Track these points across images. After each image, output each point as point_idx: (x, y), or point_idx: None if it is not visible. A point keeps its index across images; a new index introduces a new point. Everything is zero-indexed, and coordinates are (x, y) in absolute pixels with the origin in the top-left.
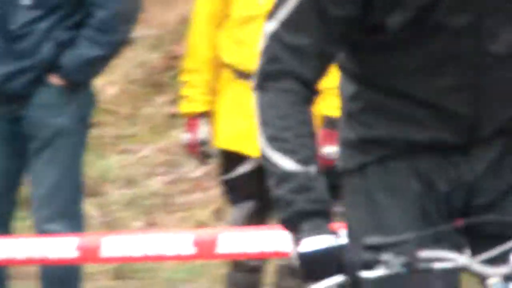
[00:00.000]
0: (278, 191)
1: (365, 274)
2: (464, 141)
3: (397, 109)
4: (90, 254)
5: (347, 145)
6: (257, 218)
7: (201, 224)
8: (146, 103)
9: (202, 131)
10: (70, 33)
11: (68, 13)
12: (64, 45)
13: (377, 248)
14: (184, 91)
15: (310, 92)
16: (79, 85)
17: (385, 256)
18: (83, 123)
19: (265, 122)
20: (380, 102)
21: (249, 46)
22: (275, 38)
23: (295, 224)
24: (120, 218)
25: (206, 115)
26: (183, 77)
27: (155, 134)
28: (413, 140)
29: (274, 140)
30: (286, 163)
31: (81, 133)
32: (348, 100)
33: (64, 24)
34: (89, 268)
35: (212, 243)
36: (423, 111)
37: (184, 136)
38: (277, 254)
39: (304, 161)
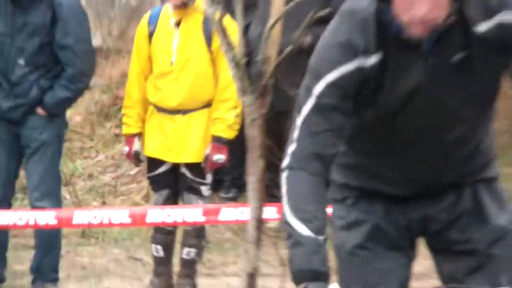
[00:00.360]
0: (294, 251)
1: None
2: (421, 194)
3: (371, 170)
4: (65, 222)
5: (335, 183)
6: (171, 200)
7: (135, 204)
8: (100, 127)
9: (136, 145)
10: (50, 81)
11: (49, 69)
12: (45, 90)
13: None
14: (124, 120)
15: (327, 172)
16: (55, 115)
17: None
18: (59, 139)
19: (292, 195)
20: (359, 163)
21: (164, 91)
22: (303, 130)
23: (303, 279)
24: (83, 199)
25: (138, 135)
26: (123, 111)
27: (106, 147)
28: (382, 191)
29: (297, 210)
30: (303, 230)
31: (58, 145)
32: (340, 154)
33: (46, 76)
34: (65, 231)
35: (142, 216)
36: (391, 175)
37: (124, 148)
38: (184, 223)
39: (317, 230)
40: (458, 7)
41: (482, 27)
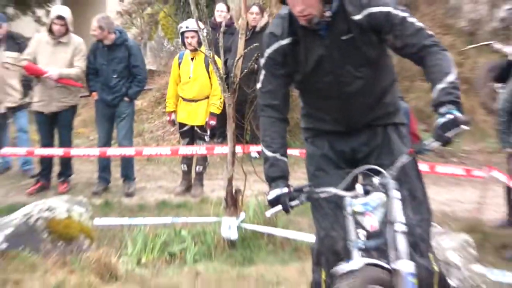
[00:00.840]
0: (264, 165)
1: (291, 203)
2: (347, 130)
3: (316, 115)
4: (139, 153)
5: (302, 128)
6: (190, 143)
7: (173, 145)
8: (156, 108)
9: (172, 116)
10: (129, 84)
11: (128, 78)
12: (128, 88)
13: (300, 190)
14: (167, 104)
15: (281, 114)
16: (132, 100)
17: (300, 193)
18: (133, 113)
19: (262, 132)
20: (309, 112)
21: (186, 90)
22: (260, 90)
23: (269, 182)
24: (149, 143)
25: (174, 111)
26: (167, 100)
27: (159, 117)
28: (324, 129)
29: (264, 140)
30: (267, 152)
31: (133, 116)
32: (301, 108)
33: (127, 81)
34: (138, 158)
35: (176, 150)
36: (327, 117)
37: (167, 118)
38: (196, 154)
39: (274, 151)
40: (339, 4)
41: (357, 17)
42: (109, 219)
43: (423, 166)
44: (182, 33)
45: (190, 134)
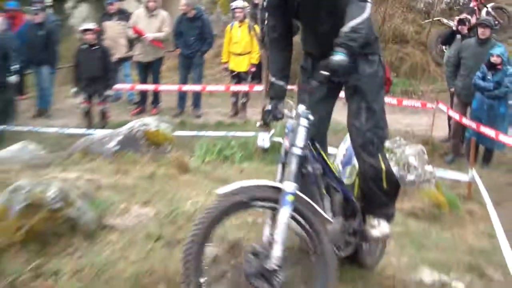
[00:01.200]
0: (269, 88)
1: (267, 118)
2: (325, 56)
3: (305, 41)
4: (204, 89)
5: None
6: (238, 83)
7: (226, 84)
8: (214, 60)
9: (226, 65)
10: (201, 44)
11: (200, 40)
12: (200, 45)
13: (275, 109)
14: (222, 57)
15: (281, 45)
16: (203, 55)
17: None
18: (203, 62)
19: (269, 58)
20: (303, 38)
21: (235, 48)
22: (266, 26)
23: (270, 99)
24: (211, 83)
25: (227, 62)
26: (222, 54)
27: (217, 65)
28: (309, 52)
29: (268, 67)
30: (270, 76)
31: (203, 64)
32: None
33: (200, 42)
34: (202, 93)
35: (228, 87)
36: (311, 42)
37: (222, 67)
38: (241, 91)
39: (274, 75)
40: None
41: None
42: (184, 132)
43: (393, 101)
44: (233, 9)
45: (238, 77)
